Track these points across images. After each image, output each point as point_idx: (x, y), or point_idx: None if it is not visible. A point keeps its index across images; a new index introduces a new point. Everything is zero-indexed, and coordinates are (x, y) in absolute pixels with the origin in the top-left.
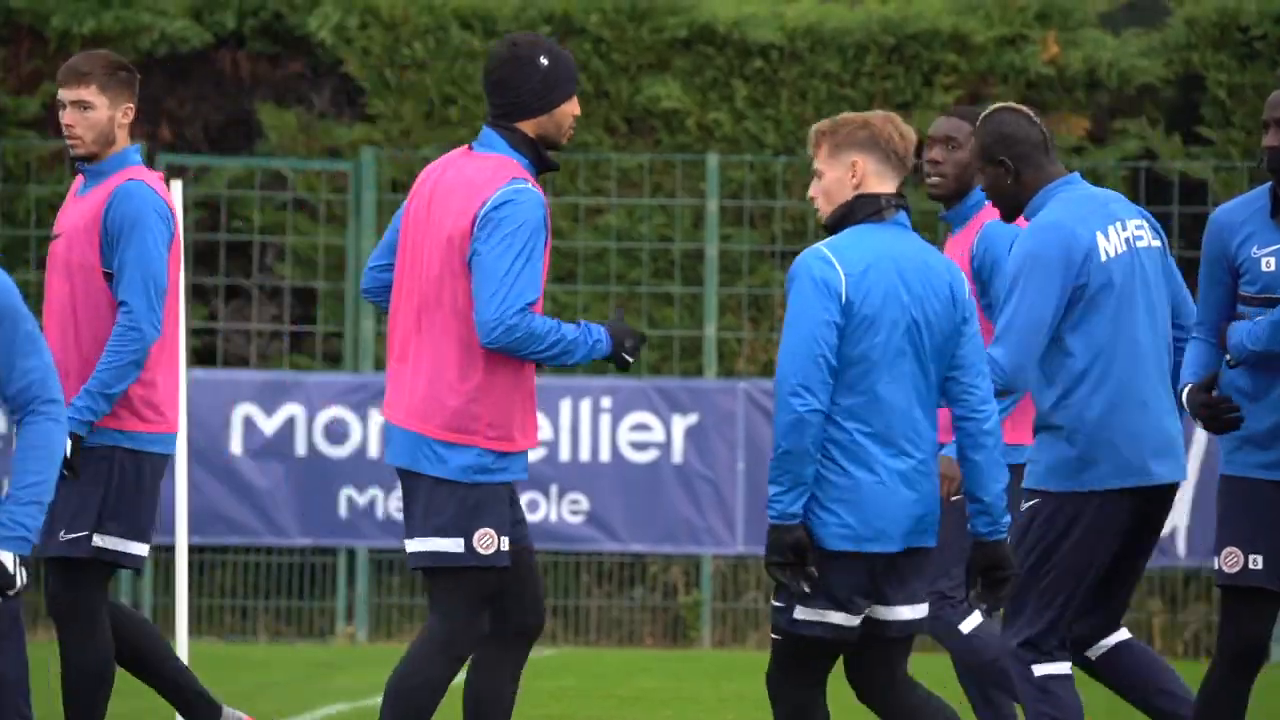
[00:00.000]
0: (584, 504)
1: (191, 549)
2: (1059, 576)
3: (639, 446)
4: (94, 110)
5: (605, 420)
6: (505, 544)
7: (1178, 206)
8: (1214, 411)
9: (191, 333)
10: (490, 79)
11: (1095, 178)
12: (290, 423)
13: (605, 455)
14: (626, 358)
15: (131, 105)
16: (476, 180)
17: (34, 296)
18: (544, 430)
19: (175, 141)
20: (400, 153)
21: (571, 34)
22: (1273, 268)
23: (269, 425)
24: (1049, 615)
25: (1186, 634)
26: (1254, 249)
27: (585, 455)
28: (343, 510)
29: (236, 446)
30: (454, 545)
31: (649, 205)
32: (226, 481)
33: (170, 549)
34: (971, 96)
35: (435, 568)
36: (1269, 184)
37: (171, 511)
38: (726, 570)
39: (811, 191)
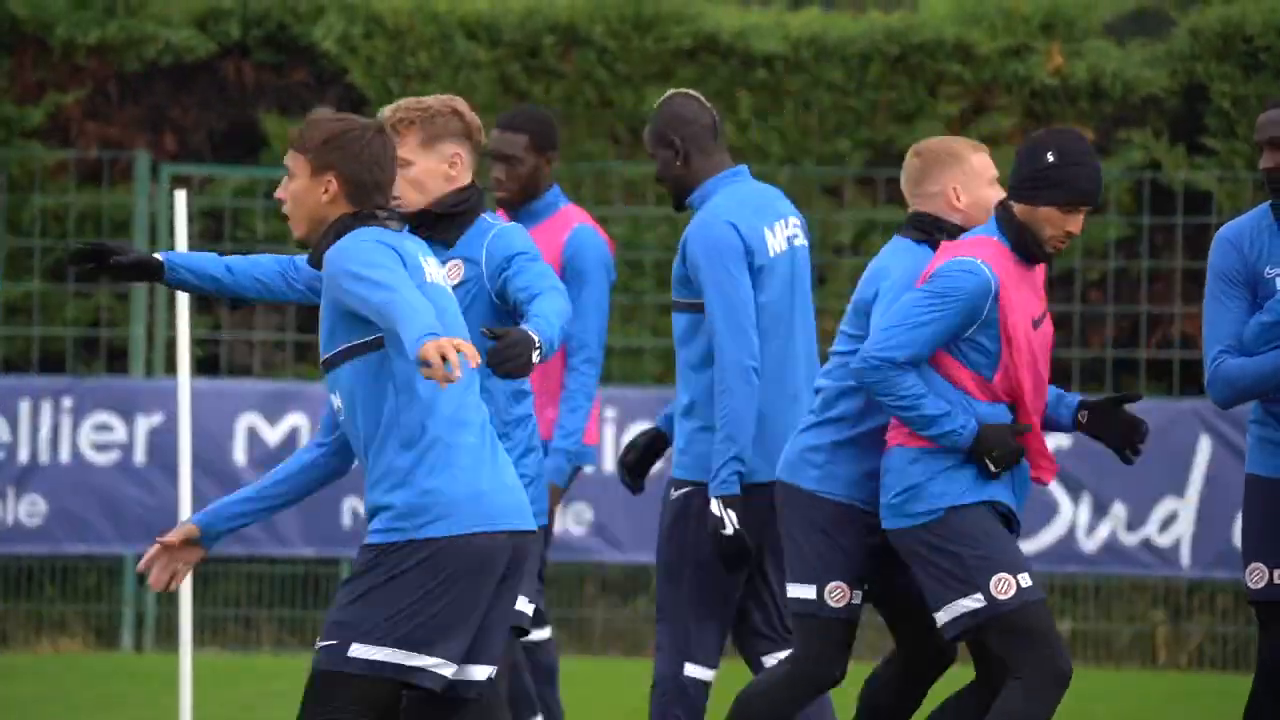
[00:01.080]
0: (587, 514)
1: None
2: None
3: None
4: None
5: (609, 430)
6: None
7: (1182, 217)
8: None
9: (195, 342)
10: None
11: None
12: (294, 432)
13: (609, 465)
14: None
15: None
16: (948, 251)
17: (39, 307)
18: None
19: (179, 151)
20: None
21: (576, 44)
22: None
23: (272, 435)
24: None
25: (1190, 645)
26: (1266, 269)
27: (589, 465)
28: (346, 520)
29: (240, 456)
30: None
31: (653, 215)
32: (230, 491)
33: None
34: (975, 107)
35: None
36: (1269, 203)
37: (175, 521)
38: None
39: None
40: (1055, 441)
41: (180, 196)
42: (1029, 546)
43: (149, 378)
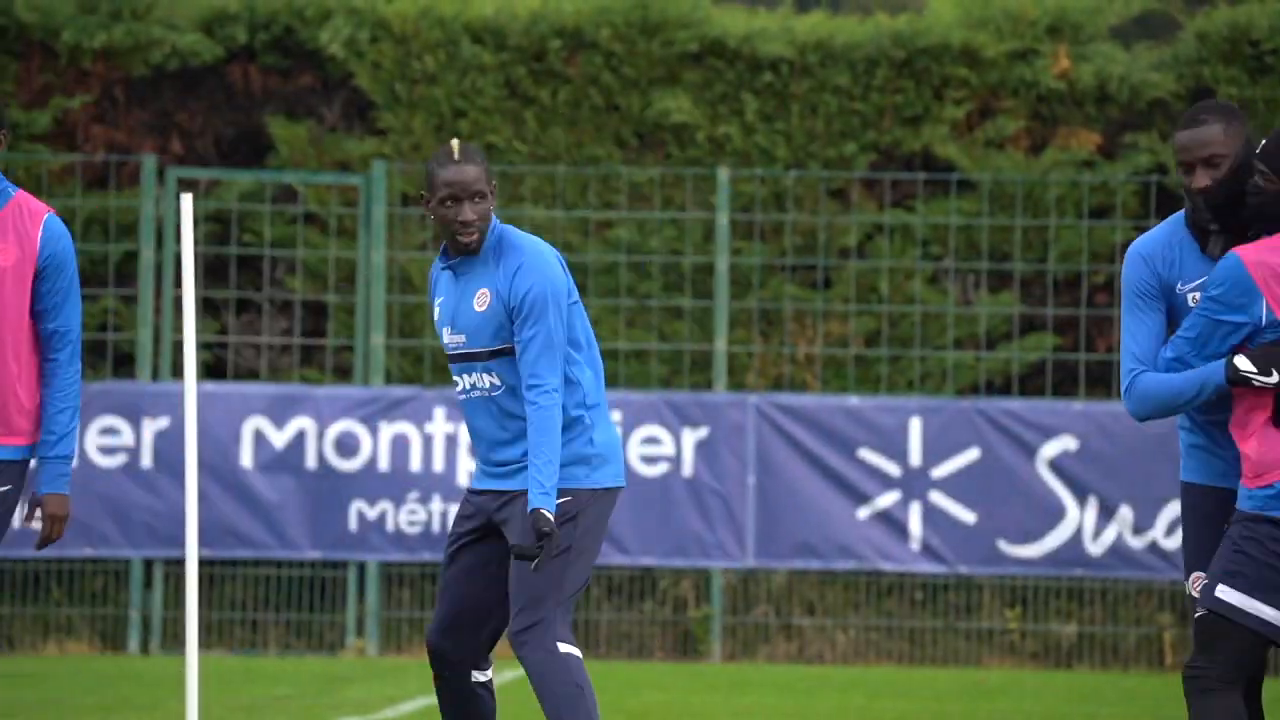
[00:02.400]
0: None
1: (201, 562)
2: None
3: (649, 460)
4: None
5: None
6: None
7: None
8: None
9: (202, 346)
10: None
11: (1106, 192)
12: (300, 436)
13: None
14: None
15: None
16: None
17: None
18: None
19: (186, 155)
20: (411, 166)
21: (582, 47)
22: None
23: (279, 438)
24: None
25: None
26: (1179, 285)
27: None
28: (353, 524)
29: (247, 460)
30: None
31: (659, 219)
32: (236, 495)
33: (180, 562)
34: (982, 110)
35: None
36: (1180, 216)
37: (182, 524)
38: (736, 584)
39: None
40: (1062, 445)
41: (186, 200)
42: (1035, 550)
43: (155, 381)
